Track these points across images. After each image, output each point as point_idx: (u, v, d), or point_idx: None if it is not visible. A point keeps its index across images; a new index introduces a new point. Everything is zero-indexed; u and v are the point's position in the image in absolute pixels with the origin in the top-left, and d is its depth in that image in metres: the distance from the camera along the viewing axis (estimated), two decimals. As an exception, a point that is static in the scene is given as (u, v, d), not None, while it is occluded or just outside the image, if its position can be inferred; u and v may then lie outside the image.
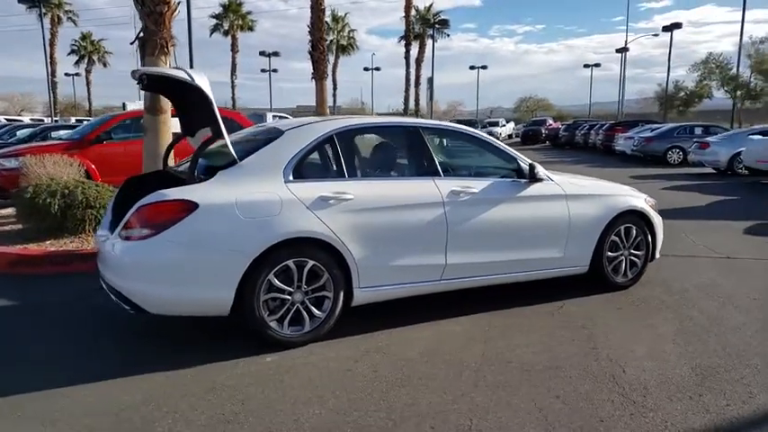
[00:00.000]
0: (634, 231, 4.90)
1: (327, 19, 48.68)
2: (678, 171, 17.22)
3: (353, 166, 3.94)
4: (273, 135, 3.89)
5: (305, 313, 3.68)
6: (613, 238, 4.79)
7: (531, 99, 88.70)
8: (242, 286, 3.45)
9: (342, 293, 3.76)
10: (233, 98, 50.78)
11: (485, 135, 4.62)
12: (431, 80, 49.14)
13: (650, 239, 4.99)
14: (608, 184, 5.10)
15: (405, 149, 4.20)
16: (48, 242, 6.07)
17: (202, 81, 3.54)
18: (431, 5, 38.77)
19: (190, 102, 4.09)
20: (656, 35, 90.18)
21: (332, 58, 50.34)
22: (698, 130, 20.99)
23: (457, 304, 4.36)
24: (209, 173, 3.63)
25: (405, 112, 35.50)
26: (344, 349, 3.66)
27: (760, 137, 15.12)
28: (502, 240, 4.29)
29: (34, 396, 3.02)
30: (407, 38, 32.87)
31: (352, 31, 50.46)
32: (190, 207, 3.37)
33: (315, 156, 3.83)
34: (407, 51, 33.44)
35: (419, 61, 38.80)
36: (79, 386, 3.13)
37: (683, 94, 45.18)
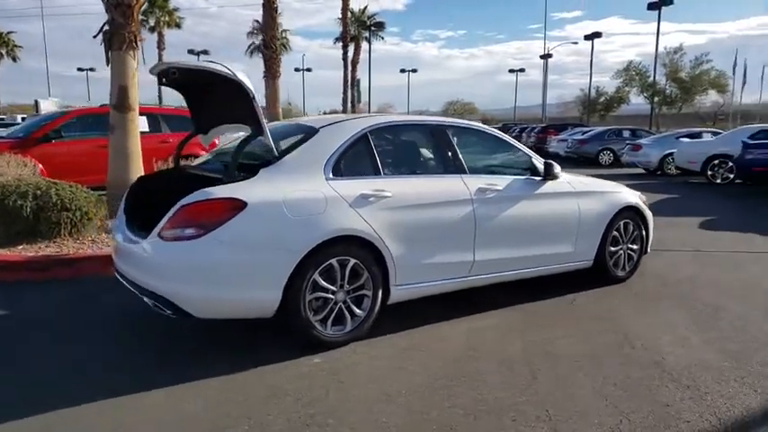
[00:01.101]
0: (631, 226, 5.16)
1: (259, 18, 48.11)
2: (611, 171, 18.14)
3: (387, 163, 3.92)
4: (308, 132, 3.81)
5: (347, 312, 3.63)
6: (614, 233, 5.02)
7: (458, 103, 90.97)
8: (288, 286, 3.36)
9: (380, 291, 3.74)
10: (159, 97, 48.97)
11: (503, 134, 4.73)
12: (358, 83, 49.29)
13: (644, 234, 5.27)
14: (606, 182, 5.33)
15: (432, 147, 4.22)
16: (20, 247, 5.62)
17: (243, 76, 3.42)
18: (365, 8, 39.01)
19: (215, 98, 3.93)
20: (575, 43, 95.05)
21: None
22: (626, 133, 22.28)
23: (476, 300, 4.42)
24: (245, 170, 3.50)
25: (344, 113, 35.38)
26: (385, 348, 3.64)
27: (688, 140, 16.26)
28: (522, 236, 4.40)
29: (88, 410, 2.82)
30: (344, 39, 32.82)
31: (285, 31, 49.81)
32: (239, 205, 3.24)
33: (350, 153, 3.78)
34: (345, 53, 33.43)
35: (354, 63, 38.85)
36: (130, 396, 2.94)
37: (603, 99, 47.76)
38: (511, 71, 65.84)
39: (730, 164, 13.82)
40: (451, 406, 2.89)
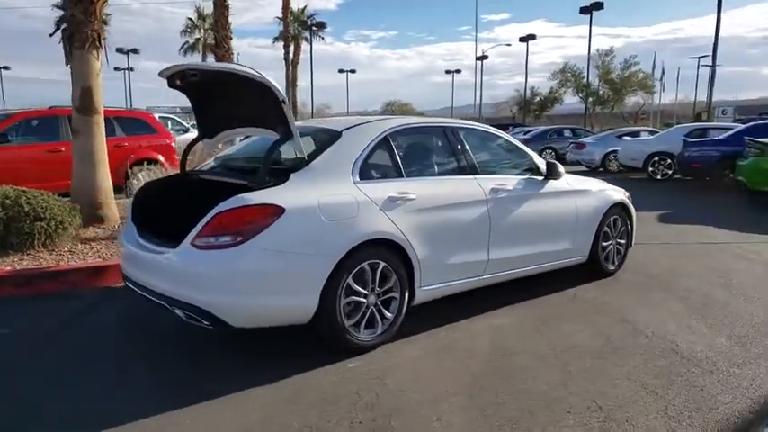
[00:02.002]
0: (619, 222, 5.41)
1: (193, 17, 46.62)
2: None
3: (407, 165, 3.94)
4: (331, 135, 3.78)
5: (377, 316, 3.64)
6: (605, 229, 5.25)
7: (396, 103, 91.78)
8: (325, 291, 3.33)
9: (407, 293, 3.76)
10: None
11: (506, 135, 4.85)
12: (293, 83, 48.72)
13: (630, 229, 5.54)
14: (597, 180, 5.56)
15: (447, 148, 4.27)
16: (-8, 261, 5.26)
17: (272, 80, 3.35)
18: (305, 7, 38.69)
19: (230, 102, 3.83)
20: (509, 45, 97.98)
21: (199, 58, 48.20)
22: (567, 133, 23.25)
23: (481, 299, 4.46)
24: (271, 176, 3.44)
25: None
26: (416, 349, 3.67)
27: (630, 138, 17.13)
28: (529, 235, 4.53)
29: (156, 423, 2.70)
30: (286, 39, 32.42)
31: (221, 30, 48.58)
32: (278, 211, 3.19)
33: (374, 156, 3.79)
34: (287, 53, 32.99)
35: (295, 63, 38.44)
36: (177, 411, 2.84)
37: (538, 99, 49.51)
38: (447, 72, 67.81)
39: (669, 161, 14.67)
40: (503, 402, 2.96)
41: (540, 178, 4.72)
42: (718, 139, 12.92)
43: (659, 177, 14.83)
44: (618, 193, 5.44)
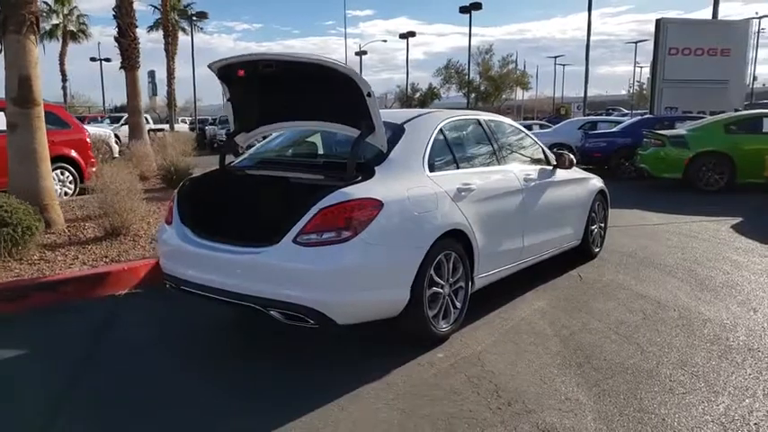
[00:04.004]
0: (602, 207, 5.88)
1: (50, 0, 42.27)
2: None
3: (459, 156, 4.03)
4: (395, 128, 3.75)
5: (451, 306, 3.68)
6: (592, 213, 5.68)
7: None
8: (414, 284, 3.33)
9: (469, 283, 3.85)
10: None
11: (521, 127, 5.08)
12: (152, 74, 46.07)
13: (607, 213, 6.04)
14: (580, 169, 5.97)
15: (485, 140, 4.39)
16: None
17: (358, 72, 3.26)
18: (181, -5, 36.56)
19: (292, 94, 3.66)
20: (384, 41, 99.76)
21: (58, 46, 43.99)
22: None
23: (504, 285, 4.52)
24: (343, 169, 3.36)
25: (169, 107, 32.99)
26: (484, 335, 3.76)
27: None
28: (549, 221, 4.81)
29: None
30: (166, 29, 30.44)
31: (83, 16, 44.78)
32: (378, 205, 3.13)
33: (436, 148, 3.81)
34: (167, 43, 31.01)
35: (172, 54, 36.28)
36: (303, 418, 2.71)
37: (419, 94, 51.18)
38: None
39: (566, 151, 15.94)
40: (609, 377, 3.15)
41: (550, 168, 5.01)
42: (614, 132, 14.29)
43: (559, 167, 16.05)
44: (599, 181, 5.90)
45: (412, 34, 46.90)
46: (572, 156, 5.09)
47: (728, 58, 18.33)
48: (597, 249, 5.83)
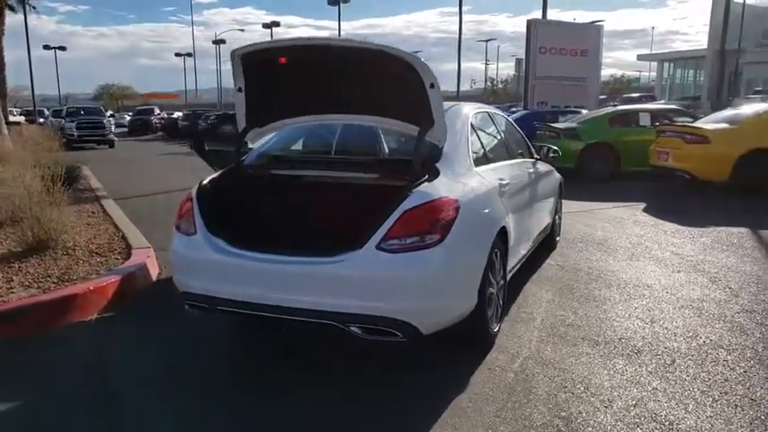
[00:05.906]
0: (560, 199, 6.10)
1: None
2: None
3: (489, 150, 3.92)
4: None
5: (497, 305, 3.56)
6: (556, 204, 5.88)
7: (115, 86, 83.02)
8: (481, 285, 3.16)
9: (505, 279, 3.76)
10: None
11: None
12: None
13: (561, 204, 6.29)
14: None
15: (499, 133, 4.32)
16: None
17: (422, 61, 2.98)
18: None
19: (342, 84, 3.28)
20: (242, 30, 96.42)
21: None
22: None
23: None
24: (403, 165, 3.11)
25: (1, 97, 28.72)
26: (527, 331, 3.70)
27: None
28: (542, 212, 4.90)
29: None
30: (-1, 7, 26.46)
31: None
32: (458, 206, 2.91)
33: (471, 142, 3.65)
34: (-1, 23, 26.94)
35: None
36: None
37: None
38: (178, 54, 67.15)
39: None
40: (686, 365, 3.24)
41: (535, 160, 5.08)
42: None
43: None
44: (558, 173, 6.12)
45: (276, 24, 45.98)
46: (555, 148, 5.21)
47: (586, 57, 20.17)
48: (558, 238, 6.05)
